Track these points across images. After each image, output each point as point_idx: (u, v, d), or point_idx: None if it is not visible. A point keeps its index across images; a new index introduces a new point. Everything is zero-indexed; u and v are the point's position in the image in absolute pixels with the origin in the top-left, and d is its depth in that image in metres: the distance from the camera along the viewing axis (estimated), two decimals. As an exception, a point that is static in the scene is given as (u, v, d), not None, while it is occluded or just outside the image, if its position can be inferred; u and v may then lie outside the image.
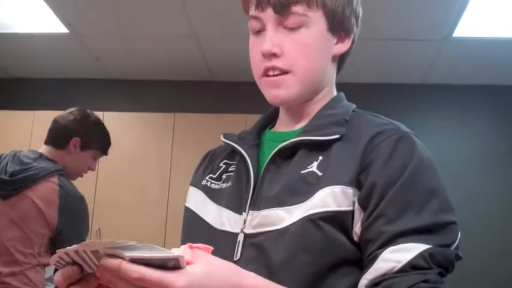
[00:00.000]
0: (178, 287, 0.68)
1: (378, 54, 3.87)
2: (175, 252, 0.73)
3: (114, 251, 0.69)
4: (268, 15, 0.98)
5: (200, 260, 0.74)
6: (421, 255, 0.81)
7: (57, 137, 2.52)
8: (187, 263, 0.72)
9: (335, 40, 1.02)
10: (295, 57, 0.97)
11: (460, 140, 4.26)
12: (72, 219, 2.37)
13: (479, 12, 3.29)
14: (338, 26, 1.01)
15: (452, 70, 4.13)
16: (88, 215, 2.45)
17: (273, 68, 0.98)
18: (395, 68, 4.16)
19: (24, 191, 2.28)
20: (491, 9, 3.24)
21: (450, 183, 4.03)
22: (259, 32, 1.01)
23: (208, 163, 1.15)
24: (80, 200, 2.41)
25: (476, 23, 3.44)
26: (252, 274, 0.80)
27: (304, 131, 0.99)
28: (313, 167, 0.93)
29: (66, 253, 0.72)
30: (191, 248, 0.75)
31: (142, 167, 3.91)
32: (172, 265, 0.69)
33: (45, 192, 2.31)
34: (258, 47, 0.99)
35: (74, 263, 0.74)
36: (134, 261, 0.68)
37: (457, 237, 0.87)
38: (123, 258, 0.69)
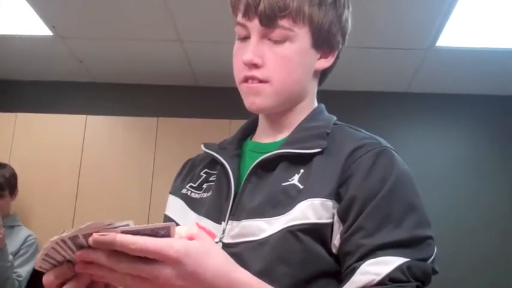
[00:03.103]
0: (175, 251, 0.68)
1: (362, 62, 3.88)
2: (184, 228, 0.74)
3: (104, 230, 0.69)
4: (254, 25, 0.98)
5: (202, 239, 0.74)
6: (399, 268, 0.82)
7: None
8: (191, 238, 0.73)
9: (318, 55, 1.03)
10: (275, 70, 0.98)
11: (443, 148, 4.28)
12: None
13: (462, 22, 3.32)
14: (323, 42, 1.01)
15: (435, 79, 4.16)
16: None
17: (252, 78, 0.98)
18: (379, 76, 4.17)
19: None
20: (474, 19, 3.27)
21: (433, 192, 4.00)
22: (244, 38, 1.01)
23: (188, 171, 1.15)
24: None
25: (459, 33, 3.47)
26: (245, 270, 0.79)
27: (286, 143, 0.99)
28: (295, 179, 0.93)
29: (54, 248, 0.71)
30: (198, 227, 0.76)
31: (124, 171, 3.87)
32: (162, 234, 0.70)
33: None
34: (241, 53, 0.99)
35: (61, 263, 0.73)
36: (125, 233, 0.68)
37: (433, 252, 0.88)
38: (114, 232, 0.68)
